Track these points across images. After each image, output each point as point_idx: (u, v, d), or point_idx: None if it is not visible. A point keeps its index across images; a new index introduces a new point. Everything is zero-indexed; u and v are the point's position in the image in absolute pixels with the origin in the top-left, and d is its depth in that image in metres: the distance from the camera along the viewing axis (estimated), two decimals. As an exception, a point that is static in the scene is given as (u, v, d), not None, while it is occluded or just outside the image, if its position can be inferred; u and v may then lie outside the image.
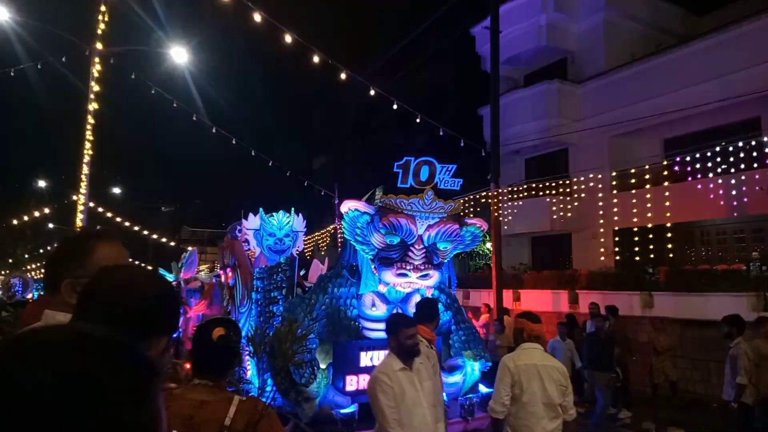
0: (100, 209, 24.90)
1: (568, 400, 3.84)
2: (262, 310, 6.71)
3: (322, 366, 5.77)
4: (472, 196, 15.48)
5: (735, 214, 12.44)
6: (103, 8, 11.94)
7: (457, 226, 5.90)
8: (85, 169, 12.68)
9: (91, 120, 12.39)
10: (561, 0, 16.99)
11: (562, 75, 17.13)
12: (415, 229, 5.70)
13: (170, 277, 14.52)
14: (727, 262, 12.64)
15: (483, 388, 6.32)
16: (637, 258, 13.90)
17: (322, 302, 5.98)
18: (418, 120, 12.90)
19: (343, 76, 11.49)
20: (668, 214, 13.35)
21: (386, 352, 5.90)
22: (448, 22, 18.07)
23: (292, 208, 8.57)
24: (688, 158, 12.78)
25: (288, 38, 10.31)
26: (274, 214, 8.37)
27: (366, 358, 5.71)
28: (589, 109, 15.90)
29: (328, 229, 20.67)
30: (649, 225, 13.83)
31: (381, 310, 6.00)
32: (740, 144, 11.84)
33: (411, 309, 6.03)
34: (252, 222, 8.38)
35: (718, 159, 12.27)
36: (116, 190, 32.41)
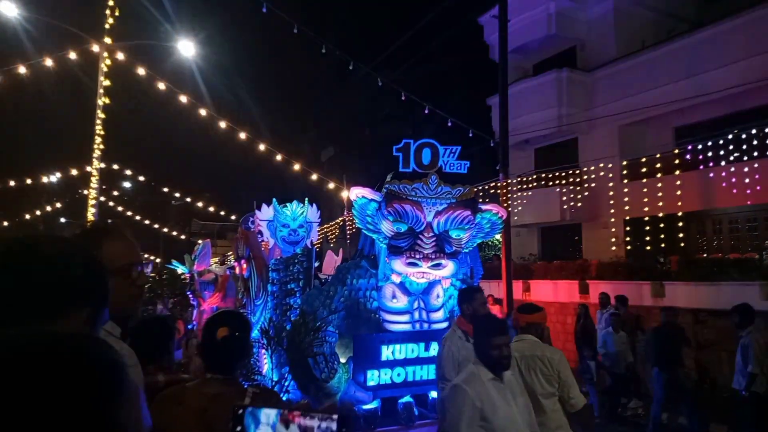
0: (111, 203, 25.10)
1: (566, 390, 3.74)
2: (278, 302, 6.56)
3: (342, 360, 5.61)
4: (481, 187, 15.44)
5: (748, 203, 12.30)
6: (111, 2, 11.98)
7: (468, 212, 5.48)
8: (96, 164, 12.79)
9: (101, 115, 12.47)
10: (570, -13, 16.80)
11: (572, 64, 16.96)
12: (423, 216, 5.37)
13: (183, 270, 14.60)
14: (740, 251, 12.53)
15: None
16: (648, 248, 13.81)
17: (341, 294, 5.69)
18: (426, 111, 12.85)
19: (351, 66, 11.47)
20: (679, 203, 13.23)
21: (407, 345, 5.53)
22: (456, 12, 17.94)
23: (306, 198, 8.38)
24: (699, 146, 12.63)
25: (296, 29, 10.30)
26: (287, 204, 8.21)
27: (387, 352, 5.48)
28: (599, 98, 15.75)
29: (337, 221, 20.71)
30: (660, 214, 13.72)
31: (402, 302, 5.72)
32: (753, 131, 11.69)
33: (433, 301, 5.78)
34: (265, 213, 8.22)
35: (731, 147, 12.12)
36: (127, 184, 32.64)
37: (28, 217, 23.24)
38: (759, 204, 12.33)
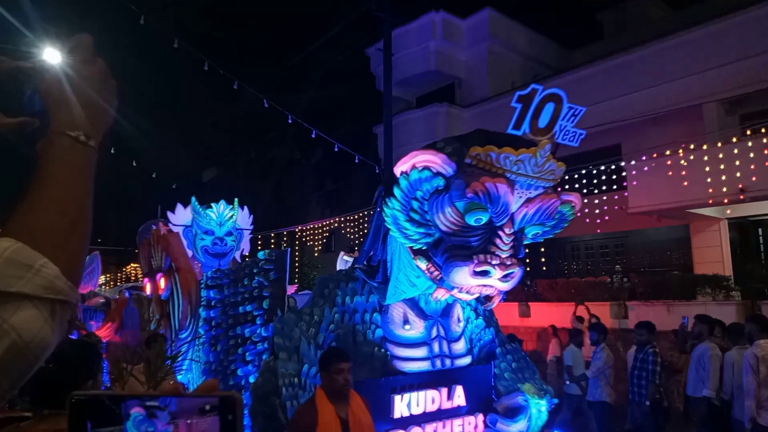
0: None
1: None
2: (221, 334, 4.58)
3: None
4: (366, 212, 15.77)
5: (598, 231, 13.81)
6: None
7: (558, 201, 3.56)
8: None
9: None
10: (449, 29, 18.03)
11: (451, 99, 18.09)
12: (512, 204, 3.41)
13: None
14: (595, 275, 13.98)
15: None
16: (517, 271, 14.94)
17: (329, 319, 3.89)
18: (314, 135, 12.95)
19: (236, 86, 11.27)
20: (542, 231, 14.51)
21: (427, 392, 3.82)
22: (345, 41, 18.41)
23: (236, 200, 6.83)
24: (559, 180, 13.99)
25: (176, 44, 9.96)
26: (212, 205, 6.60)
27: (401, 405, 3.73)
28: (475, 132, 16.90)
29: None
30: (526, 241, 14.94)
31: (417, 328, 3.96)
32: (602, 168, 13.22)
33: (454, 327, 4.15)
34: (181, 216, 6.53)
35: (584, 181, 13.59)
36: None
37: None
38: (608, 232, 13.91)
